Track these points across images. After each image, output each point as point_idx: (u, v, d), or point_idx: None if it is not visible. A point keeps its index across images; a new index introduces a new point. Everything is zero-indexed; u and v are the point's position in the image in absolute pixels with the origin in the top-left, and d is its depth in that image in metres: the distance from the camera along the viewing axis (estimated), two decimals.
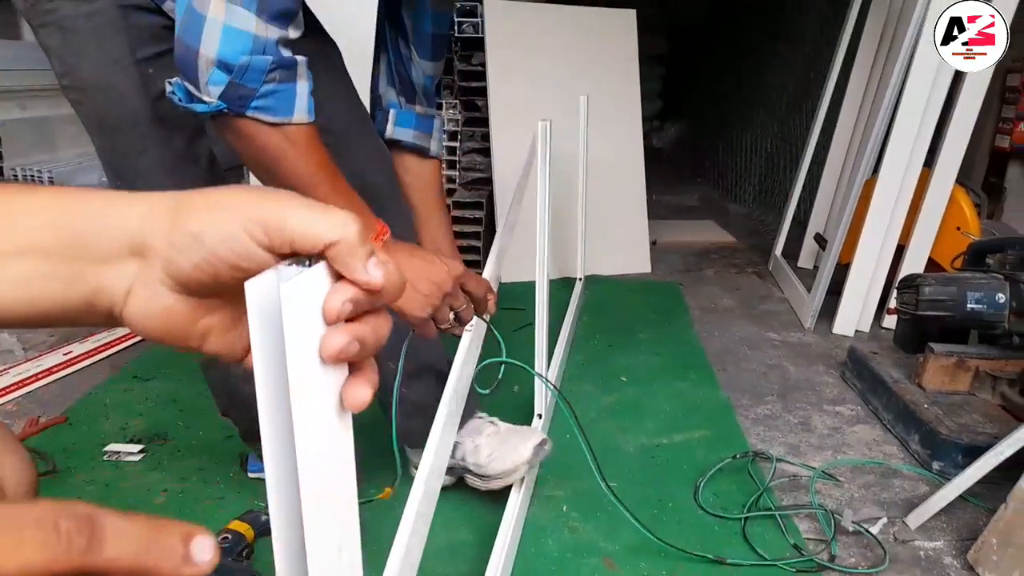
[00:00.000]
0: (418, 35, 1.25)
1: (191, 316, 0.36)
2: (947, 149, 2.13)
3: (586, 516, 1.32)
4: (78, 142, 2.86)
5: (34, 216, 0.35)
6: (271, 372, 0.32)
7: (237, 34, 0.78)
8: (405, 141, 1.30)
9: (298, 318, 0.31)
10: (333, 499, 0.36)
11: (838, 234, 2.30)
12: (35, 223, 0.35)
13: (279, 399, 0.32)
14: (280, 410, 0.33)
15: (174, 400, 1.73)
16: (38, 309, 0.36)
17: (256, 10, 0.78)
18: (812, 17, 3.68)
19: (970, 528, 1.29)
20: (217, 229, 0.33)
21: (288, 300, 0.30)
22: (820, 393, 1.84)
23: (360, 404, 0.35)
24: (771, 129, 4.14)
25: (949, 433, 1.45)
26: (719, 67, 5.41)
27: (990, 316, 1.59)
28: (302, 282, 0.31)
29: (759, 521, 1.30)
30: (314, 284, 0.32)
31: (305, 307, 0.32)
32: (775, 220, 3.43)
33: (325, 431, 0.34)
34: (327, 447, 0.35)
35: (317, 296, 0.32)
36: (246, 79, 0.79)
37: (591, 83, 2.67)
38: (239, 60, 0.78)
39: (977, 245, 1.80)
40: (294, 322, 0.31)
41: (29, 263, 0.35)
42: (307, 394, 0.32)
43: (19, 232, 0.35)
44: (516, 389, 1.81)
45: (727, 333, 2.26)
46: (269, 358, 0.32)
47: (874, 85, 2.73)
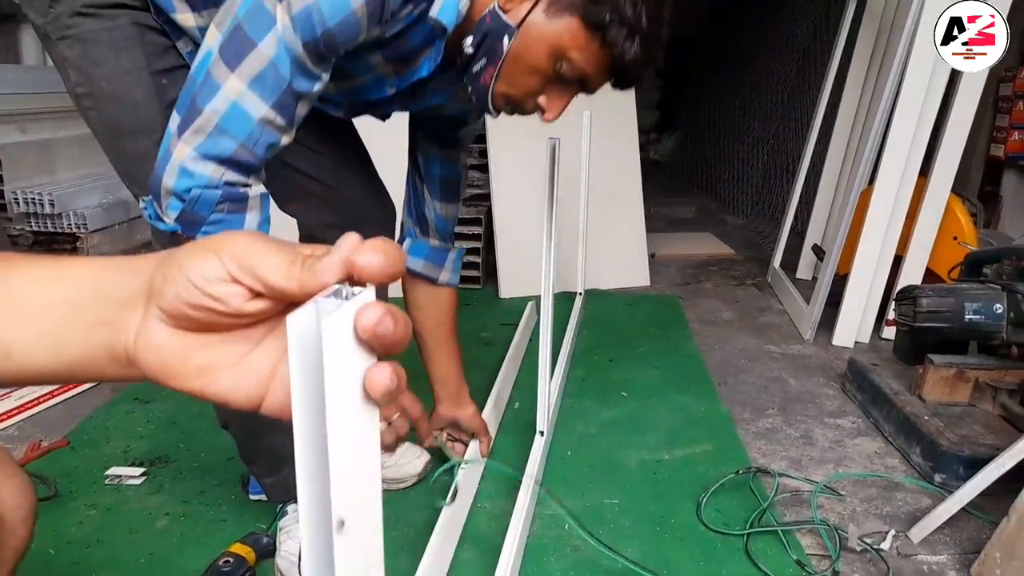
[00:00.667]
0: (429, 176, 1.34)
1: (183, 351, 0.37)
2: (942, 158, 2.15)
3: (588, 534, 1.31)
4: (79, 164, 2.88)
5: (71, 271, 0.38)
6: (310, 409, 0.33)
7: (190, 174, 0.88)
8: (415, 270, 1.38)
9: (339, 353, 0.32)
10: (363, 532, 0.36)
11: (836, 245, 2.31)
12: (72, 277, 0.38)
13: (317, 436, 0.33)
14: (317, 446, 0.33)
15: (175, 422, 1.73)
16: (63, 360, 0.38)
17: (216, 161, 0.88)
18: (805, 27, 3.71)
19: (973, 541, 1.28)
20: (197, 261, 0.35)
21: (329, 336, 0.31)
22: (821, 406, 1.84)
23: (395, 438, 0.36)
24: (767, 140, 4.16)
25: (950, 445, 1.45)
26: (715, 78, 5.44)
27: (988, 327, 1.59)
28: (342, 316, 0.32)
29: (762, 537, 1.30)
30: (353, 318, 0.33)
31: (345, 342, 0.32)
32: (773, 231, 3.44)
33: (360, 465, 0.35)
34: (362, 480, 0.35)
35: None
36: (196, 208, 0.89)
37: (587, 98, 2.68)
38: (191, 192, 0.88)
39: (973, 256, 1.80)
40: (334, 357, 0.31)
41: (60, 313, 0.37)
42: (346, 430, 0.33)
43: (51, 287, 0.38)
44: (517, 406, 1.81)
45: (727, 346, 2.26)
46: (308, 393, 0.33)
47: (868, 94, 2.74)
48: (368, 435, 0.35)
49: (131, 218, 2.91)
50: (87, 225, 2.67)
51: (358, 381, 0.33)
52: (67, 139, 2.83)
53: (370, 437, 0.35)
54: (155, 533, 1.31)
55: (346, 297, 0.34)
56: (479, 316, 2.47)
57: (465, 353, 2.14)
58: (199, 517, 1.36)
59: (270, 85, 0.86)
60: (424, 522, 1.34)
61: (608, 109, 2.82)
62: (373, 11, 0.86)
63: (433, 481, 1.37)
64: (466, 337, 2.18)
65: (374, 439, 0.36)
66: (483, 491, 1.45)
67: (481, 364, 2.06)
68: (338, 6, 0.84)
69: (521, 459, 1.47)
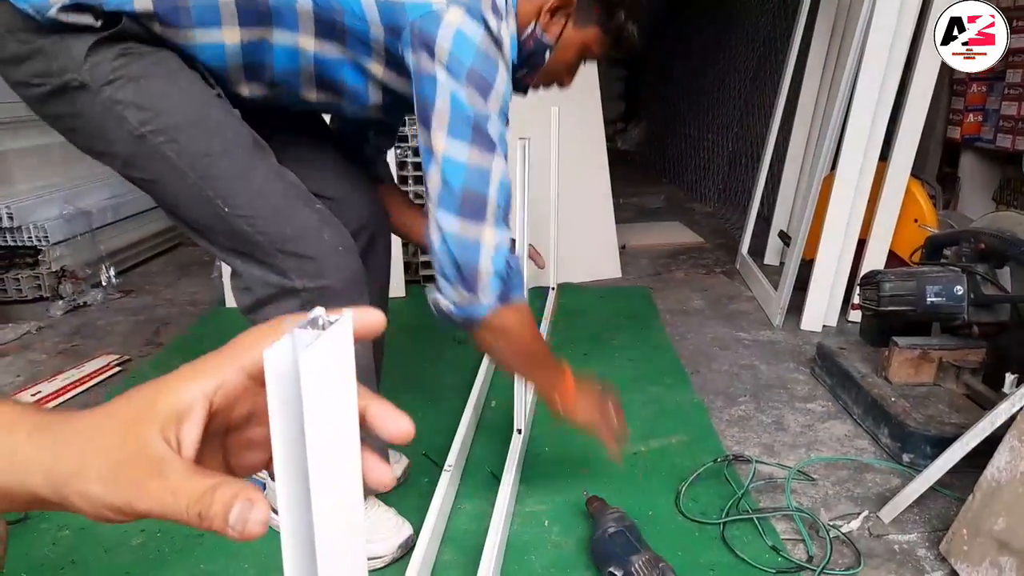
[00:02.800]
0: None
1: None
2: (901, 141, 2.19)
3: (567, 530, 1.33)
4: (37, 175, 2.81)
5: None
6: (290, 445, 0.33)
7: (500, 251, 1.08)
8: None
9: (318, 388, 0.31)
10: (347, 562, 0.36)
11: (801, 230, 2.35)
12: None
13: (298, 479, 0.33)
14: (299, 488, 0.33)
15: None
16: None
17: (507, 230, 1.10)
18: (765, 14, 3.75)
19: (942, 519, 1.32)
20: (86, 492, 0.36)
21: (307, 370, 0.30)
22: (792, 391, 1.88)
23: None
24: (731, 127, 4.21)
25: (917, 425, 1.49)
26: (678, 67, 5.48)
27: (950, 308, 1.63)
28: (321, 349, 0.31)
29: (738, 525, 1.32)
30: (331, 349, 0.32)
31: (325, 376, 0.32)
32: (740, 218, 3.48)
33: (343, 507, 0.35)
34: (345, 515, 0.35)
35: (334, 361, 0.33)
36: (511, 277, 1.10)
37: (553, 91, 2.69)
38: (508, 266, 1.10)
39: (934, 239, 1.85)
40: (314, 392, 0.31)
41: None
42: (326, 469, 0.32)
43: None
44: (493, 404, 1.81)
45: (699, 335, 2.29)
46: (287, 431, 0.32)
47: (828, 80, 2.78)
48: (350, 469, 0.35)
49: (93, 228, 2.86)
50: (48, 237, 2.62)
51: (339, 416, 0.33)
52: (24, 149, 2.76)
53: (352, 471, 0.35)
54: (131, 551, 1.29)
55: (323, 327, 0.33)
56: None
57: (440, 353, 2.15)
58: (175, 534, 1.34)
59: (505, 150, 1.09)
60: None
61: (572, 103, 2.82)
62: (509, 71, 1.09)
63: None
64: (441, 337, 2.19)
65: (356, 474, 0.35)
66: (462, 492, 1.45)
67: (456, 364, 2.06)
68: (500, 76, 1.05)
69: (499, 458, 1.48)
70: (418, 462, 1.57)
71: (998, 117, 2.71)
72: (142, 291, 2.85)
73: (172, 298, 2.75)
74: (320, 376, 0.31)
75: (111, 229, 3.02)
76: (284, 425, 0.33)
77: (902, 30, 2.12)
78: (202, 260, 3.19)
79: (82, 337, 2.36)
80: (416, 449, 1.62)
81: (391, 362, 2.02)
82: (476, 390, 1.75)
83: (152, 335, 2.36)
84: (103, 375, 2.02)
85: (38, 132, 2.82)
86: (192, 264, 3.21)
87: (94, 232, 2.86)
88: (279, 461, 0.33)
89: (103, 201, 3.02)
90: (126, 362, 2.12)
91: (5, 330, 2.37)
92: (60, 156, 2.92)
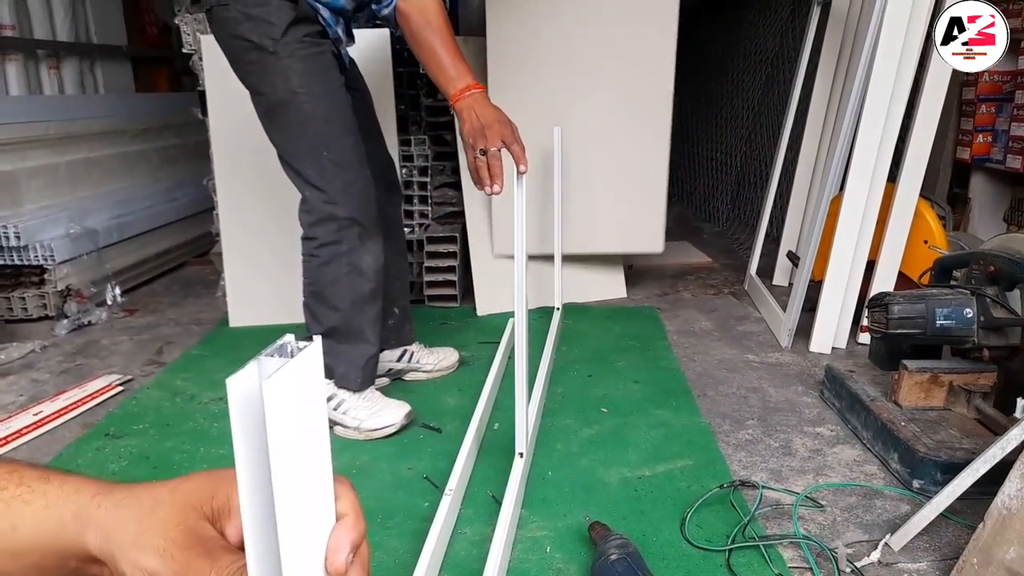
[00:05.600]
0: None
1: None
2: (909, 163, 2.17)
3: (570, 556, 1.30)
4: (44, 195, 2.83)
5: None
6: (255, 475, 0.31)
7: None
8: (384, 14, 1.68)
9: (283, 416, 0.30)
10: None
11: (809, 251, 2.33)
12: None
13: (264, 506, 0.31)
14: (265, 519, 0.32)
15: (147, 457, 1.69)
16: None
17: None
18: (772, 35, 3.75)
19: (952, 547, 1.29)
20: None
21: (271, 398, 0.29)
22: (800, 414, 1.85)
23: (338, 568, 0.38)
24: (739, 147, 4.20)
25: (927, 451, 1.46)
26: (685, 86, 5.48)
27: (959, 331, 1.60)
28: (285, 376, 0.30)
29: (744, 552, 1.29)
30: (298, 377, 0.31)
31: (290, 404, 0.31)
32: (749, 238, 3.46)
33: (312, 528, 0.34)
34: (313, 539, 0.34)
35: (302, 389, 0.31)
36: None
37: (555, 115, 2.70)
38: None
39: (943, 260, 1.82)
40: (278, 421, 0.30)
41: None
42: (292, 503, 0.31)
43: None
44: (496, 427, 1.79)
45: (706, 356, 2.26)
46: (252, 459, 0.31)
47: (836, 101, 2.77)
48: (319, 497, 0.34)
49: (99, 247, 2.87)
50: (54, 256, 2.62)
51: (305, 444, 0.32)
52: (31, 169, 2.79)
53: (320, 499, 0.34)
54: None
55: (291, 353, 0.32)
56: (457, 334, 2.45)
57: (444, 373, 2.13)
58: None
59: None
60: (405, 550, 1.32)
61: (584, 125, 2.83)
62: None
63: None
64: None
65: (327, 501, 0.34)
66: (463, 516, 1.43)
67: (460, 384, 2.05)
68: None
69: (501, 481, 1.45)
70: (419, 486, 1.55)
71: (1007, 138, 2.69)
72: (147, 310, 2.85)
73: (176, 317, 2.75)
74: (285, 404, 0.30)
75: (117, 248, 3.03)
76: (249, 457, 0.31)
77: (909, 51, 2.11)
78: (207, 279, 3.19)
79: (85, 356, 2.36)
80: (416, 472, 1.60)
81: (392, 387, 2.01)
82: (479, 412, 1.73)
83: (155, 354, 2.36)
84: (105, 395, 2.02)
85: (46, 152, 2.85)
86: (197, 283, 3.22)
87: (100, 251, 2.87)
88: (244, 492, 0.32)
89: (109, 220, 3.03)
90: (128, 382, 2.12)
91: (9, 349, 2.37)
92: (67, 175, 2.94)
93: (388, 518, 1.43)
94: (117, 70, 3.93)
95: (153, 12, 4.56)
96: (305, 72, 1.56)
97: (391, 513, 1.45)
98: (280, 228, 2.34)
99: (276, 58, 1.54)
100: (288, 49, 1.54)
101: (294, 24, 1.54)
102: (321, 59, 1.60)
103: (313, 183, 1.63)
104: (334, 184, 1.62)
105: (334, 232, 1.65)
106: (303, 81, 1.56)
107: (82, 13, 3.66)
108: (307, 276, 1.73)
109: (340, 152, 1.62)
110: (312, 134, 1.60)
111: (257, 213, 2.48)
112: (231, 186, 2.52)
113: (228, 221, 2.56)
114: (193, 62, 2.70)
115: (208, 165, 2.62)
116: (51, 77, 3.47)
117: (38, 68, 3.41)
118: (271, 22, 1.53)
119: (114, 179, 3.28)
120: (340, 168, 1.63)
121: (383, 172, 1.93)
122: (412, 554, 1.26)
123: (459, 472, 1.48)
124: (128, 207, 3.22)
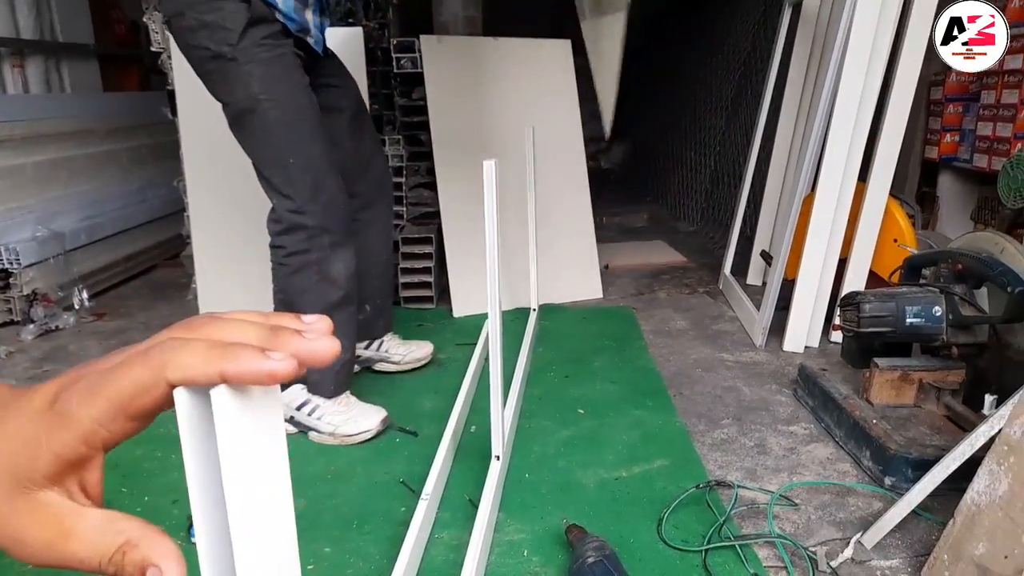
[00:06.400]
0: None
1: None
2: (879, 162, 2.20)
3: (547, 559, 1.30)
4: (9, 197, 2.76)
5: None
6: (206, 490, 0.30)
7: None
8: None
9: (233, 426, 0.29)
10: None
11: (782, 250, 2.35)
12: None
13: (216, 520, 0.30)
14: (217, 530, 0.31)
15: (116, 465, 1.66)
16: None
17: None
18: (745, 35, 3.78)
19: (924, 543, 1.31)
20: None
21: (220, 408, 0.28)
22: (774, 413, 1.86)
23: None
24: (713, 146, 4.23)
25: (898, 448, 1.48)
26: (660, 85, 5.51)
27: (929, 329, 1.63)
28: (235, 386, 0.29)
29: (720, 552, 1.30)
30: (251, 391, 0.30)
31: (240, 413, 0.29)
32: (723, 237, 3.48)
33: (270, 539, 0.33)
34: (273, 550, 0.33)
35: (256, 402, 0.30)
36: None
37: (531, 112, 2.70)
38: None
39: (912, 259, 1.85)
40: (229, 431, 0.29)
41: None
42: (246, 506, 0.30)
43: None
44: (473, 429, 1.79)
45: (681, 356, 2.27)
46: (203, 472, 0.30)
47: (807, 101, 2.80)
48: (277, 507, 0.33)
49: (67, 251, 2.81)
50: (20, 260, 2.57)
51: (259, 452, 0.31)
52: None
53: (280, 509, 0.33)
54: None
55: None
56: (433, 336, 2.43)
57: (420, 375, 2.12)
58: None
59: None
60: (382, 556, 1.31)
61: (553, 124, 2.83)
62: None
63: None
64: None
65: (286, 511, 0.33)
66: (440, 521, 1.42)
67: (436, 387, 2.04)
68: None
69: (478, 485, 1.45)
70: (395, 490, 1.53)
71: (974, 137, 2.73)
72: (116, 314, 2.80)
73: (147, 321, 2.70)
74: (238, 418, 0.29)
75: (85, 251, 2.97)
76: (198, 470, 0.30)
77: (878, 51, 2.13)
78: (178, 282, 3.14)
79: (53, 362, 2.31)
80: (393, 477, 1.59)
81: (369, 390, 1.99)
82: (455, 415, 1.73)
83: None
84: None
85: (11, 153, 2.78)
86: (168, 286, 3.16)
87: (67, 254, 2.81)
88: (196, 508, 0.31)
89: (78, 222, 2.97)
90: None
91: None
92: (34, 177, 2.88)
93: (364, 523, 1.42)
94: (84, 69, 3.85)
95: (121, 9, 4.48)
96: (266, 76, 1.53)
97: (367, 518, 1.43)
98: (252, 230, 2.30)
99: (236, 64, 1.51)
100: (247, 54, 1.51)
101: (250, 26, 1.51)
102: (282, 60, 1.56)
103: (280, 191, 1.61)
104: (302, 192, 1.60)
105: (303, 241, 1.63)
106: (264, 86, 1.53)
107: (47, 10, 3.58)
108: (276, 284, 1.71)
109: (307, 159, 1.60)
110: (277, 141, 1.58)
111: (228, 215, 2.45)
112: (201, 187, 2.48)
113: (199, 223, 2.52)
114: (162, 61, 2.65)
115: (179, 166, 2.58)
116: (15, 76, 3.39)
117: (1, 66, 3.33)
118: (226, 27, 1.49)
119: (83, 180, 3.21)
120: (307, 175, 1.60)
121: (371, 168, 1.94)
122: (388, 560, 1.25)
123: (435, 476, 1.47)
124: (97, 209, 3.16)
